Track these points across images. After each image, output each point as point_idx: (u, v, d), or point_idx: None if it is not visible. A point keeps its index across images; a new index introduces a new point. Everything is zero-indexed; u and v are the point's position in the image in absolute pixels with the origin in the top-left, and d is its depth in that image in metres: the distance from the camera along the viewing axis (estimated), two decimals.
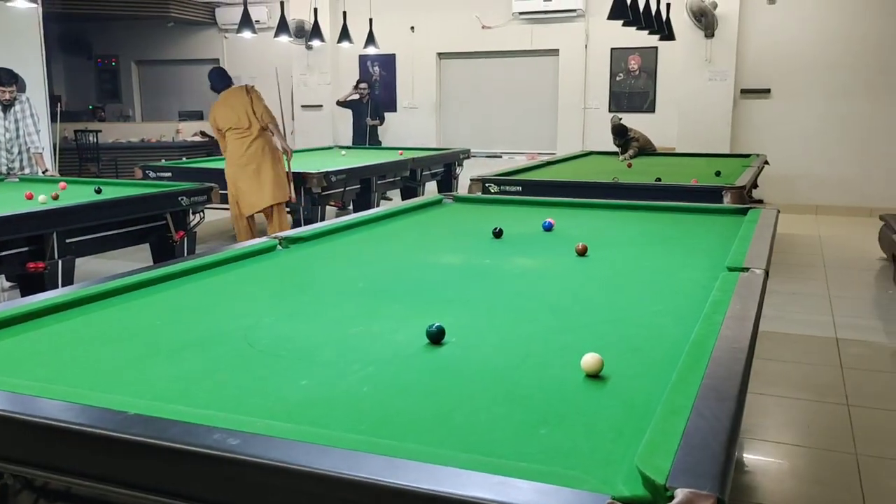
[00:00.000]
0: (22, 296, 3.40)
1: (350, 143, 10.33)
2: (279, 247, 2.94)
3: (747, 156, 7.81)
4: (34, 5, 6.88)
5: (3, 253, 4.03)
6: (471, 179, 5.25)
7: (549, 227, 3.37)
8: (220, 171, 6.65)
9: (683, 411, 1.32)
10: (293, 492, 1.13)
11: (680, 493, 1.03)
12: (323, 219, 6.04)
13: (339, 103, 10.52)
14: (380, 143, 10.56)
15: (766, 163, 7.57)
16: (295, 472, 1.11)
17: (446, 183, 8.93)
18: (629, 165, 6.97)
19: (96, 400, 1.38)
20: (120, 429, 1.24)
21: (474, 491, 1.05)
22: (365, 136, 10.43)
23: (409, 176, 8.08)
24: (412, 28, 10.99)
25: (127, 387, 1.51)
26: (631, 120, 10.03)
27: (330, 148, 9.69)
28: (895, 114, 8.95)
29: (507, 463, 1.16)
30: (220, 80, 6.31)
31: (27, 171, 6.30)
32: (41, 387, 1.46)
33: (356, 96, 10.47)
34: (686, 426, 1.26)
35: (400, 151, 8.64)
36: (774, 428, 1.20)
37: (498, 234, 3.21)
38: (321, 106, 11.49)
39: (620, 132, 7.99)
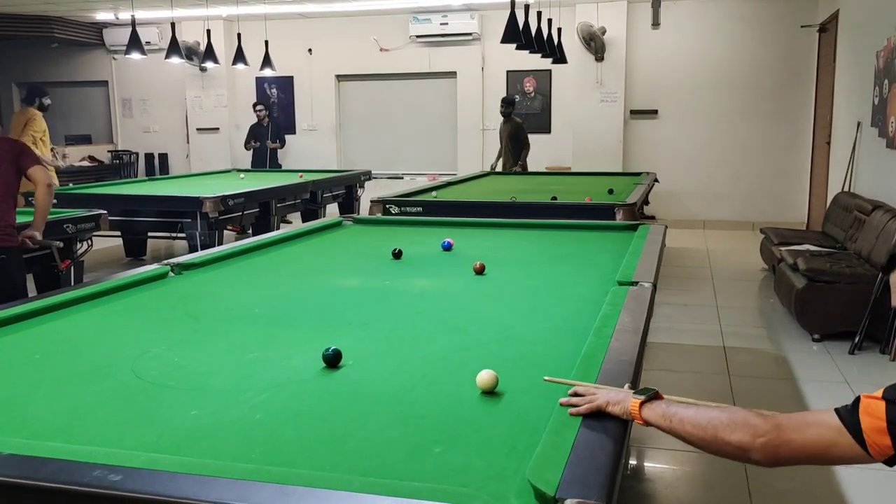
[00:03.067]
0: None
1: (249, 167, 10.14)
2: (171, 273, 2.85)
3: (638, 174, 8.13)
4: None
5: None
6: (371, 201, 5.24)
7: (448, 247, 3.40)
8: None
9: (574, 424, 1.36)
10: None
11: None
12: (220, 243, 5.88)
13: (246, 145, 10.38)
14: (280, 165, 10.41)
15: (657, 180, 7.90)
16: None
17: (348, 205, 8.88)
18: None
19: None
20: None
21: None
22: (265, 159, 10.27)
23: (309, 198, 7.99)
24: (310, 50, 10.93)
25: (1, 425, 1.42)
26: (529, 140, 10.31)
27: (228, 171, 9.49)
28: (770, 134, 9.52)
29: (401, 484, 1.16)
30: None
31: None
32: None
33: (254, 120, 10.32)
34: (576, 438, 1.29)
35: (300, 174, 8.55)
36: (664, 434, 1.26)
37: (397, 255, 3.21)
38: (217, 129, 11.24)
39: (510, 102, 9.09)
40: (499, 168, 9.20)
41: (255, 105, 10.45)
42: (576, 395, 1.47)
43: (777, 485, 2.99)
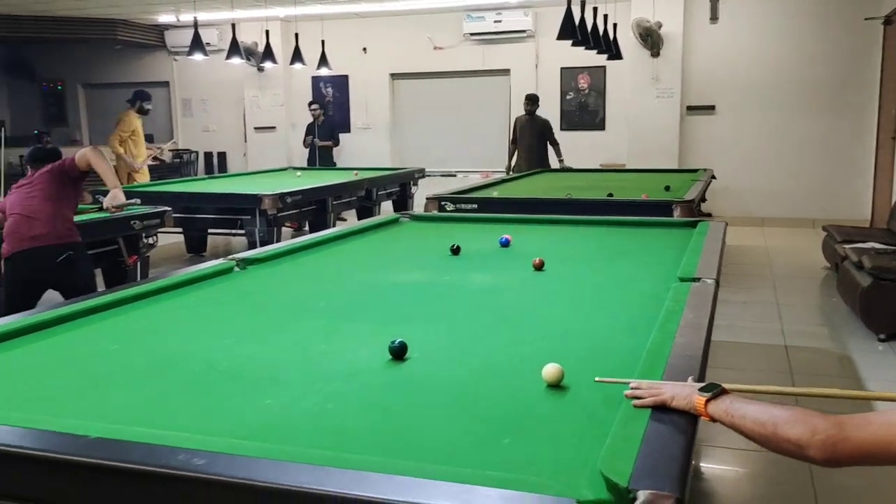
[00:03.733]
0: None
1: (305, 165, 10.30)
2: (236, 268, 2.92)
3: (695, 171, 8.00)
4: None
5: None
6: (427, 198, 5.28)
7: (505, 244, 3.41)
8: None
9: (643, 417, 1.36)
10: None
11: (642, 495, 1.06)
12: (279, 240, 6.00)
13: (305, 143, 10.53)
14: (334, 164, 10.54)
15: (714, 177, 7.77)
16: (261, 489, 1.11)
17: (402, 202, 8.94)
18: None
19: (55, 425, 1.36)
20: (82, 452, 1.23)
21: (441, 500, 1.07)
22: (315, 157, 10.40)
23: (364, 196, 8.08)
24: (364, 49, 11.03)
25: (86, 411, 1.49)
26: (583, 137, 10.23)
27: (284, 169, 9.65)
28: (832, 129, 9.28)
29: (472, 472, 1.18)
30: None
31: None
32: None
33: (311, 119, 10.48)
34: (646, 431, 1.29)
35: (355, 172, 8.65)
36: (727, 433, 1.25)
37: (455, 251, 3.23)
38: (274, 127, 11.44)
39: (536, 100, 8.90)
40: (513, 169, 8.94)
41: (310, 104, 10.60)
42: (638, 388, 1.47)
43: (844, 481, 2.92)
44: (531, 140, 8.86)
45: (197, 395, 1.60)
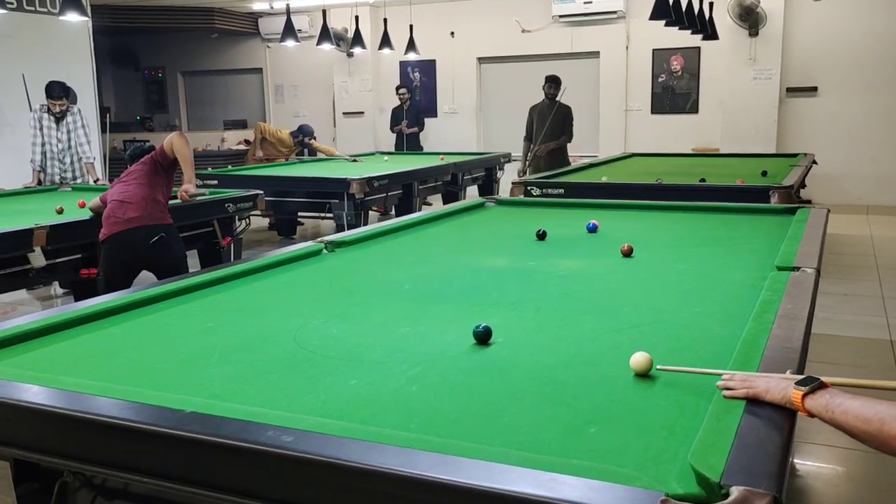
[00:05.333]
0: (76, 301, 3.50)
1: (392, 150, 10.41)
2: (325, 251, 2.97)
3: (794, 155, 7.66)
4: (85, 19, 7.07)
5: (58, 260, 4.15)
6: (513, 182, 5.24)
7: (593, 229, 3.35)
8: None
9: (736, 410, 1.31)
10: (347, 488, 1.14)
11: (735, 491, 1.02)
12: (366, 224, 6.08)
13: (392, 128, 10.63)
14: (421, 148, 10.60)
15: (815, 162, 7.42)
16: (349, 468, 1.13)
17: (487, 186, 8.92)
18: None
19: (153, 399, 1.42)
20: (177, 426, 1.27)
21: (526, 487, 1.05)
22: (403, 142, 10.48)
23: (450, 180, 8.09)
24: (452, 34, 11.02)
25: (182, 386, 1.54)
26: (674, 121, 9.95)
27: (372, 154, 9.77)
28: None
29: (558, 460, 1.16)
30: None
31: (79, 180, 6.47)
32: (100, 386, 1.50)
33: (397, 104, 10.56)
34: (740, 425, 1.24)
35: (441, 156, 8.67)
36: (827, 431, 1.17)
37: (542, 236, 3.20)
38: (363, 113, 11.58)
39: (559, 82, 7.93)
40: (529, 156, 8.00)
41: (397, 88, 10.68)
42: (731, 379, 1.41)
43: None
44: (554, 129, 7.78)
45: (286, 373, 1.63)
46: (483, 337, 1.79)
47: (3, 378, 1.54)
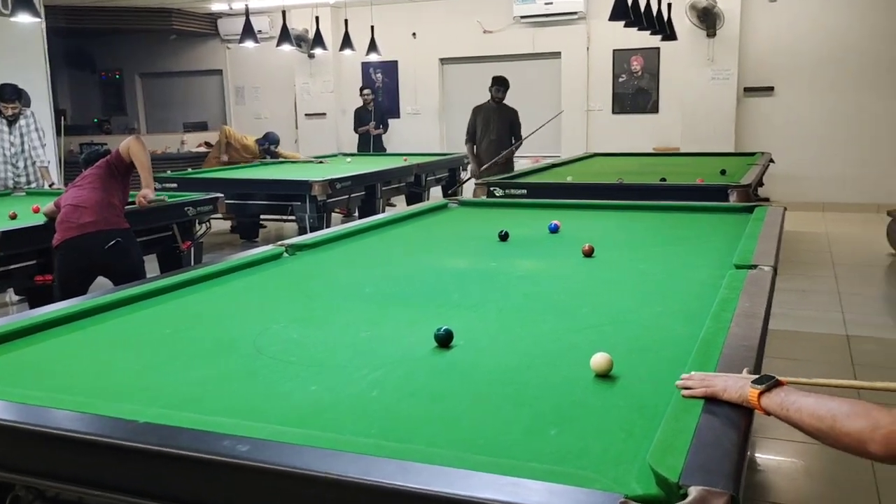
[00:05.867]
0: (31, 308, 3.42)
1: (355, 151, 10.36)
2: (285, 254, 2.94)
3: (752, 154, 7.79)
4: (38, 20, 6.92)
5: (12, 266, 4.05)
6: (475, 183, 5.25)
7: (555, 230, 3.36)
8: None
9: (695, 409, 1.32)
10: (303, 497, 1.12)
11: (693, 491, 1.02)
12: (328, 226, 6.04)
13: (356, 129, 10.58)
14: (384, 149, 10.57)
15: (772, 160, 7.55)
16: (305, 477, 1.11)
17: (450, 187, 8.93)
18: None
19: (108, 409, 1.38)
20: (131, 438, 1.24)
21: (486, 492, 1.04)
22: (369, 142, 10.45)
23: (413, 181, 8.09)
24: (414, 34, 11.01)
25: (137, 395, 1.51)
26: (635, 121, 10.06)
27: (334, 155, 9.71)
28: None
29: (518, 464, 1.16)
30: None
31: (34, 184, 6.33)
32: (52, 397, 1.46)
33: (359, 104, 10.51)
34: (698, 424, 1.25)
35: (404, 157, 8.65)
36: (786, 426, 1.19)
37: (504, 237, 3.20)
38: (324, 114, 11.51)
39: (506, 85, 7.50)
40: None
41: (361, 89, 10.63)
42: (689, 378, 1.43)
43: None
44: (500, 134, 7.49)
45: (245, 380, 1.61)
46: (444, 340, 1.78)
47: None
